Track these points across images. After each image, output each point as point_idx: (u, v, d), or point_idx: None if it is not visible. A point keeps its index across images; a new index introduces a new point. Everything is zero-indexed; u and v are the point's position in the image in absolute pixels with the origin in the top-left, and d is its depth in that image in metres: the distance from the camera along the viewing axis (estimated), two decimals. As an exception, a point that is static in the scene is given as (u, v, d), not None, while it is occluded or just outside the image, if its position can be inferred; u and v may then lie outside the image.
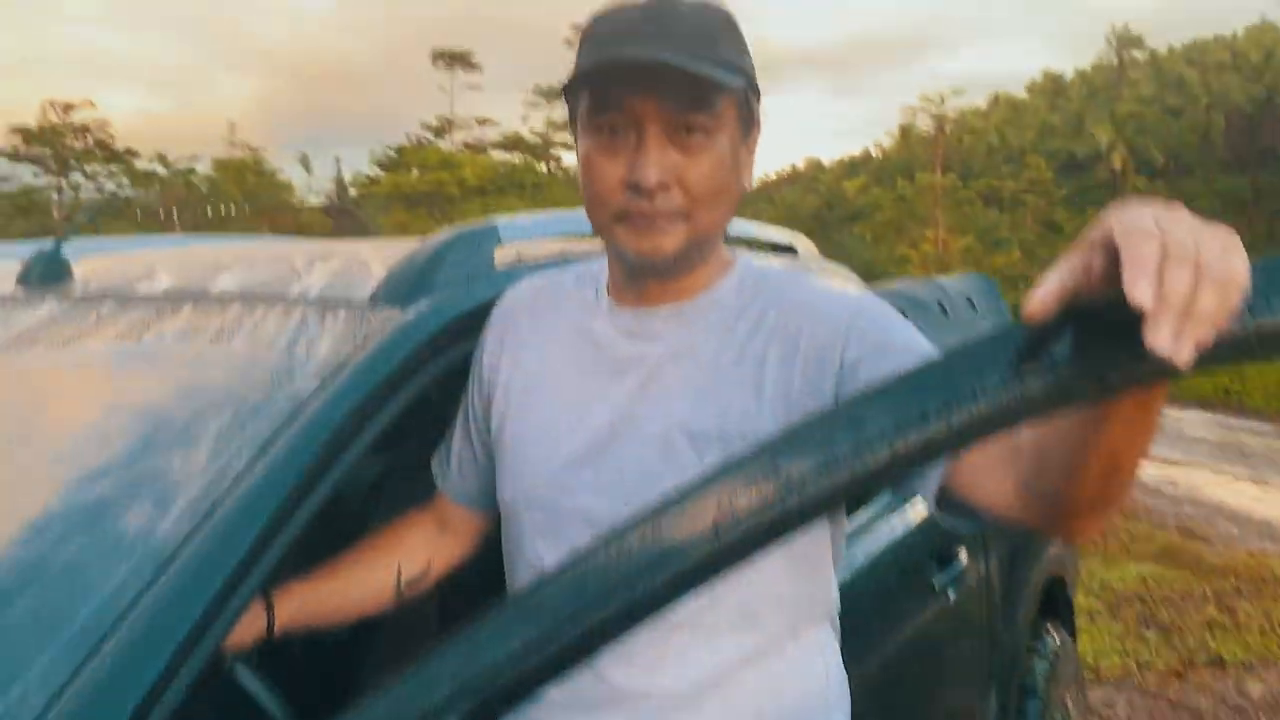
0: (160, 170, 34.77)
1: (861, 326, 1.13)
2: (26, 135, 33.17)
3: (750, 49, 1.17)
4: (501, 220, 1.52)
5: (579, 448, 1.18)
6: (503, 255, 1.53)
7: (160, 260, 1.65)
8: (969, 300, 3.75)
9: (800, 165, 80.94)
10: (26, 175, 33.98)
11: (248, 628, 1.19)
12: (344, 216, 38.97)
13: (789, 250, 2.50)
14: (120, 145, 34.65)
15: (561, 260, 1.58)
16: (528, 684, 0.73)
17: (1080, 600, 5.48)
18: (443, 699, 0.71)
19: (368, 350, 1.20)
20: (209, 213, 32.17)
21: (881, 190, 40.65)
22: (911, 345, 1.12)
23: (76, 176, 34.79)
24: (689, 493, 0.77)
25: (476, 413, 1.32)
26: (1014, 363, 0.75)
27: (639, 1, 1.10)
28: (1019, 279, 30.63)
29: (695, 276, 1.20)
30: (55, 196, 34.61)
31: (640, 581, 0.75)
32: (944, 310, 3.44)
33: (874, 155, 65.26)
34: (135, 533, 0.97)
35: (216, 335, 1.27)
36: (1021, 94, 66.63)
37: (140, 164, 34.89)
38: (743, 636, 1.17)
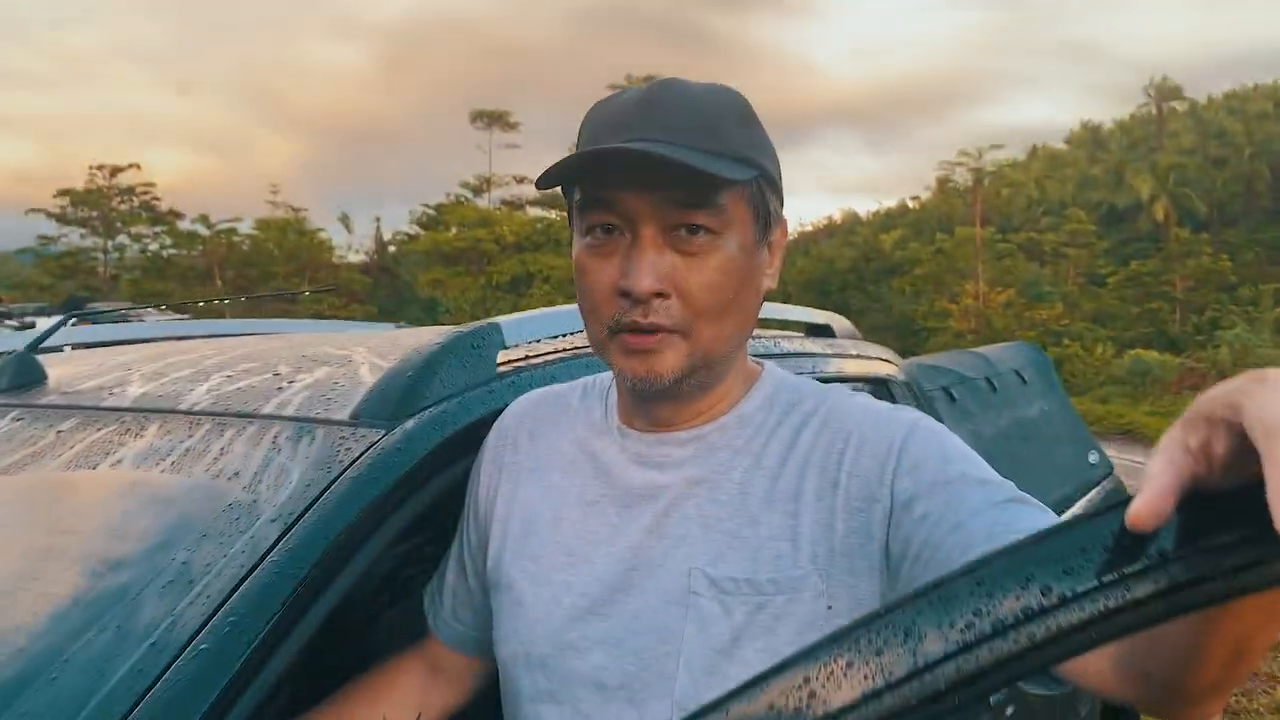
0: (203, 231, 35.30)
1: (913, 455, 0.95)
2: (74, 198, 33.88)
3: (766, 137, 1.02)
4: (505, 320, 1.37)
5: (585, 598, 1.01)
6: (508, 357, 1.39)
7: (140, 361, 1.53)
8: (1018, 373, 3.56)
9: (837, 218, 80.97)
10: (74, 237, 34.67)
11: None
12: (382, 274, 39.32)
13: (825, 331, 2.34)
14: (164, 206, 35.28)
15: (574, 360, 1.44)
16: None
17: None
18: None
19: (347, 479, 1.05)
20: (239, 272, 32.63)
21: (919, 244, 40.35)
22: (970, 472, 0.95)
23: (122, 238, 35.43)
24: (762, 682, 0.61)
25: (472, 547, 1.16)
26: (1113, 560, 0.59)
27: (640, 88, 0.97)
28: (1062, 333, 30.20)
29: (713, 395, 1.04)
30: (101, 258, 35.24)
31: None
32: (991, 385, 3.25)
33: (911, 208, 65.08)
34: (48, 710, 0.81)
35: (176, 459, 1.13)
36: (1060, 146, 66.41)
37: (183, 224, 35.48)
38: None
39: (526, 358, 1.42)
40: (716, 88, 0.99)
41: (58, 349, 2.32)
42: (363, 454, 1.09)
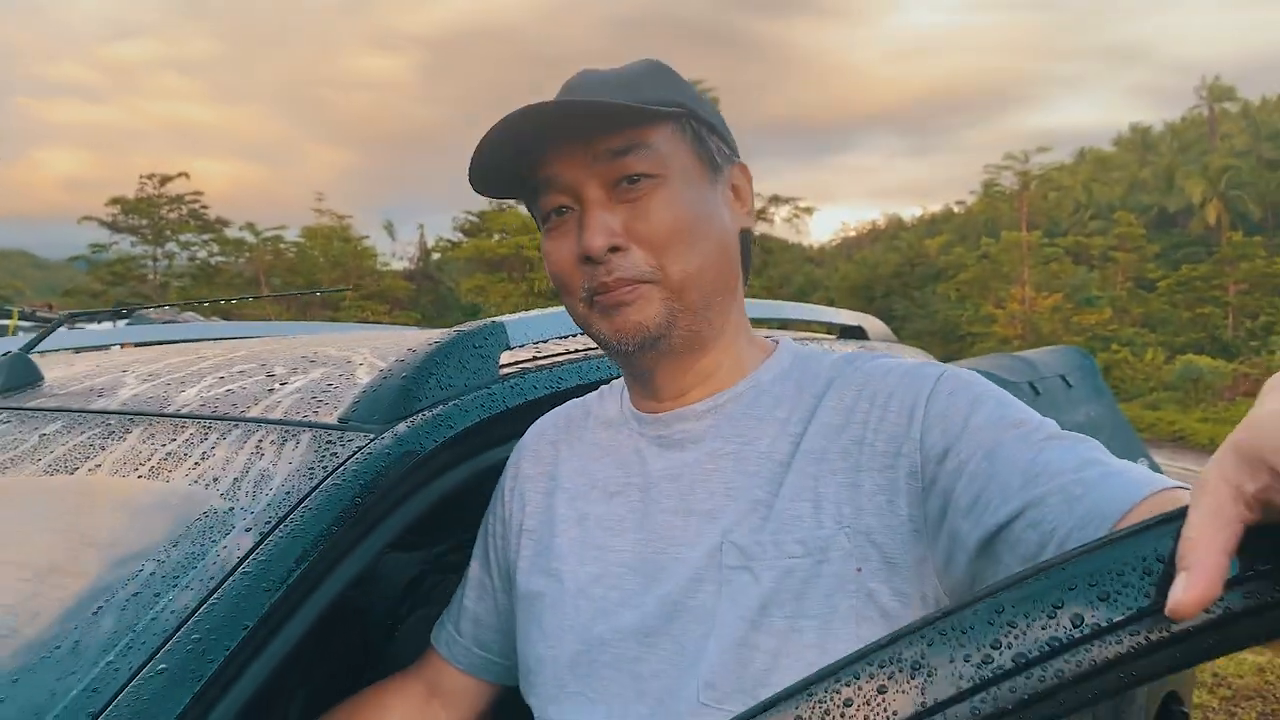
0: (250, 238, 35.78)
1: (940, 405, 0.88)
2: (125, 206, 34.48)
3: (691, 89, 1.01)
4: (510, 319, 1.30)
5: (615, 591, 0.96)
6: (513, 358, 1.32)
7: (138, 363, 1.48)
8: (1063, 378, 3.44)
9: (880, 222, 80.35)
10: (125, 244, 35.27)
11: None
12: (425, 281, 39.59)
13: (858, 332, 2.25)
14: (212, 214, 35.80)
15: (585, 361, 1.37)
16: None
17: (1193, 695, 5.02)
18: None
19: (326, 487, 0.98)
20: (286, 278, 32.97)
21: (965, 248, 39.85)
22: (1005, 415, 0.86)
23: (171, 245, 35.99)
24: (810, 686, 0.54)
25: (492, 564, 1.11)
26: (1156, 586, 0.51)
27: None
28: (1111, 338, 29.67)
29: (719, 357, 0.99)
30: (151, 265, 35.82)
31: None
32: (1034, 390, 3.14)
33: (956, 212, 64.41)
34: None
35: (155, 464, 1.07)
36: (1109, 149, 65.39)
37: (231, 232, 35.99)
38: None
39: (533, 358, 1.35)
40: (633, 63, 1.01)
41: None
42: (348, 459, 1.02)
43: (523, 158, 0.94)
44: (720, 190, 0.99)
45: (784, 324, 2.40)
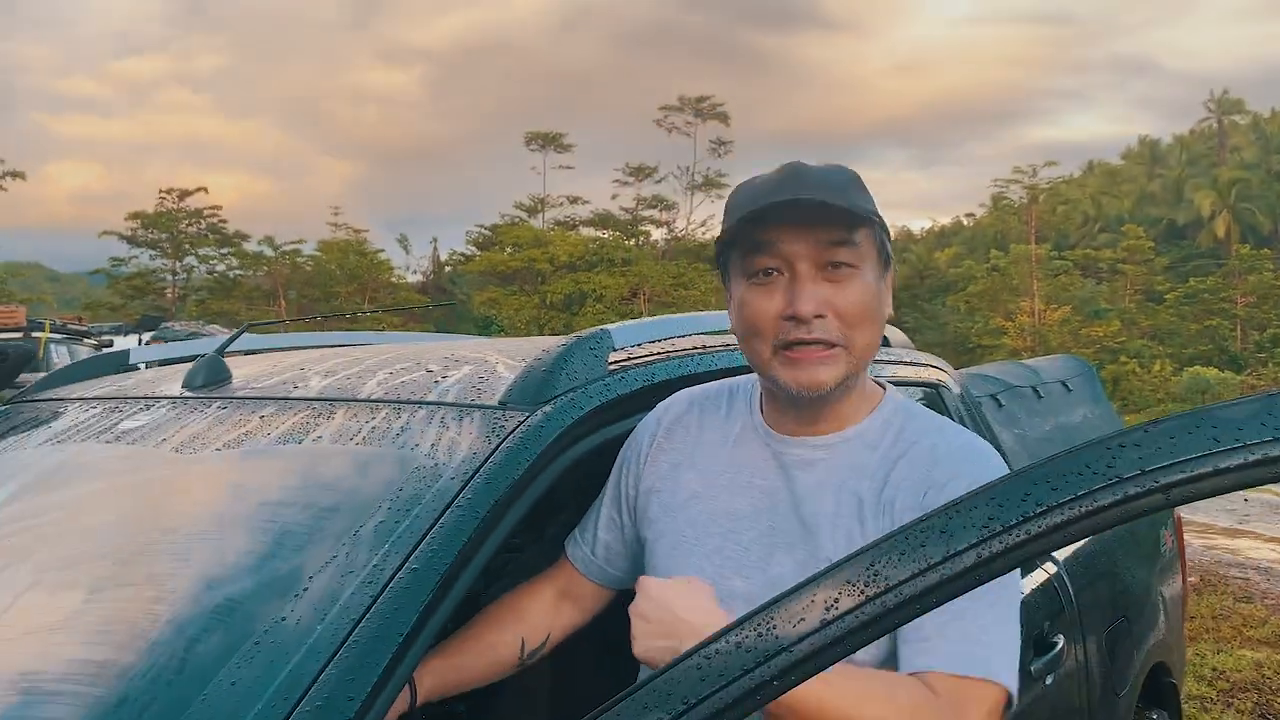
0: (268, 252, 36.26)
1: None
2: (144, 221, 35.00)
3: (874, 201, 1.30)
4: (614, 327, 1.66)
5: (731, 562, 1.31)
6: (615, 358, 1.67)
7: (310, 362, 1.84)
8: (1063, 383, 3.78)
9: (891, 235, 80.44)
10: (144, 258, 35.77)
11: (397, 705, 1.33)
12: (439, 293, 40.02)
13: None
14: (230, 229, 36.29)
15: (669, 361, 1.72)
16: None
17: (1191, 687, 5.32)
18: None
19: (503, 450, 1.34)
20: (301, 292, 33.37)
21: (974, 261, 40.20)
22: None
23: (190, 259, 36.48)
24: (798, 591, 0.90)
25: (623, 505, 1.47)
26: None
27: (775, 170, 1.27)
28: (1119, 350, 29.86)
29: (845, 407, 1.32)
30: (170, 279, 36.32)
31: (755, 669, 0.87)
32: (1037, 394, 3.48)
33: (965, 225, 64.62)
34: (308, 615, 1.11)
35: (366, 435, 1.43)
36: (1117, 161, 65.59)
37: (249, 246, 36.47)
38: None
39: (630, 358, 1.71)
40: (838, 166, 1.29)
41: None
42: (514, 430, 1.38)
43: (755, 222, 1.21)
44: (886, 284, 1.29)
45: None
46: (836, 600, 0.89)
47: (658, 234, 41.42)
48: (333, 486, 1.36)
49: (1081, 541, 2.84)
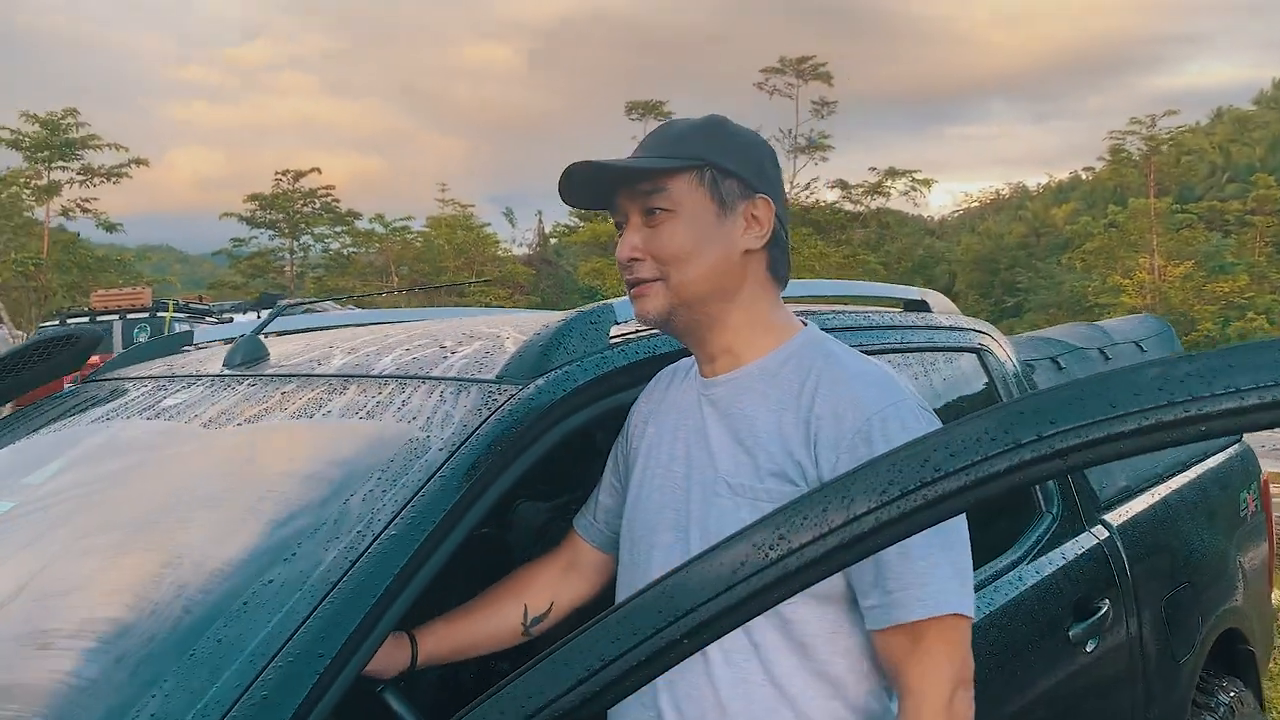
0: (379, 229, 37.22)
1: (862, 444, 1.29)
2: (262, 202, 36.31)
3: (734, 143, 1.41)
4: (618, 301, 1.71)
5: (664, 498, 1.42)
6: (620, 332, 1.72)
7: (340, 341, 1.94)
8: (1137, 344, 3.68)
9: (1005, 191, 78.10)
10: (263, 238, 37.15)
11: (395, 660, 1.42)
12: (544, 265, 40.57)
13: (921, 305, 2.59)
14: (342, 207, 37.36)
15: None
16: (612, 690, 0.91)
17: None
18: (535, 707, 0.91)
19: (491, 423, 1.41)
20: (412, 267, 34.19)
21: (1090, 217, 38.70)
22: None
23: (306, 238, 37.73)
24: (710, 554, 0.94)
25: (619, 469, 1.57)
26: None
27: None
28: (1247, 306, 28.46)
29: (729, 339, 1.41)
30: (288, 257, 37.66)
31: (695, 608, 0.92)
32: (1104, 355, 3.39)
33: (1084, 179, 62.23)
34: (292, 577, 1.21)
35: (370, 409, 1.52)
36: (1249, 107, 62.15)
37: (361, 224, 37.50)
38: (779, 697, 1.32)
39: (636, 332, 1.75)
40: (705, 116, 1.45)
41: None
42: (504, 402, 1.45)
43: (606, 188, 1.40)
44: (731, 221, 1.38)
45: (849, 300, 2.73)
46: (743, 562, 0.93)
47: (758, 199, 41.01)
48: (331, 459, 1.46)
49: (1139, 508, 2.78)
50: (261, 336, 1.96)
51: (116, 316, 16.03)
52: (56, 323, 16.59)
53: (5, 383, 2.12)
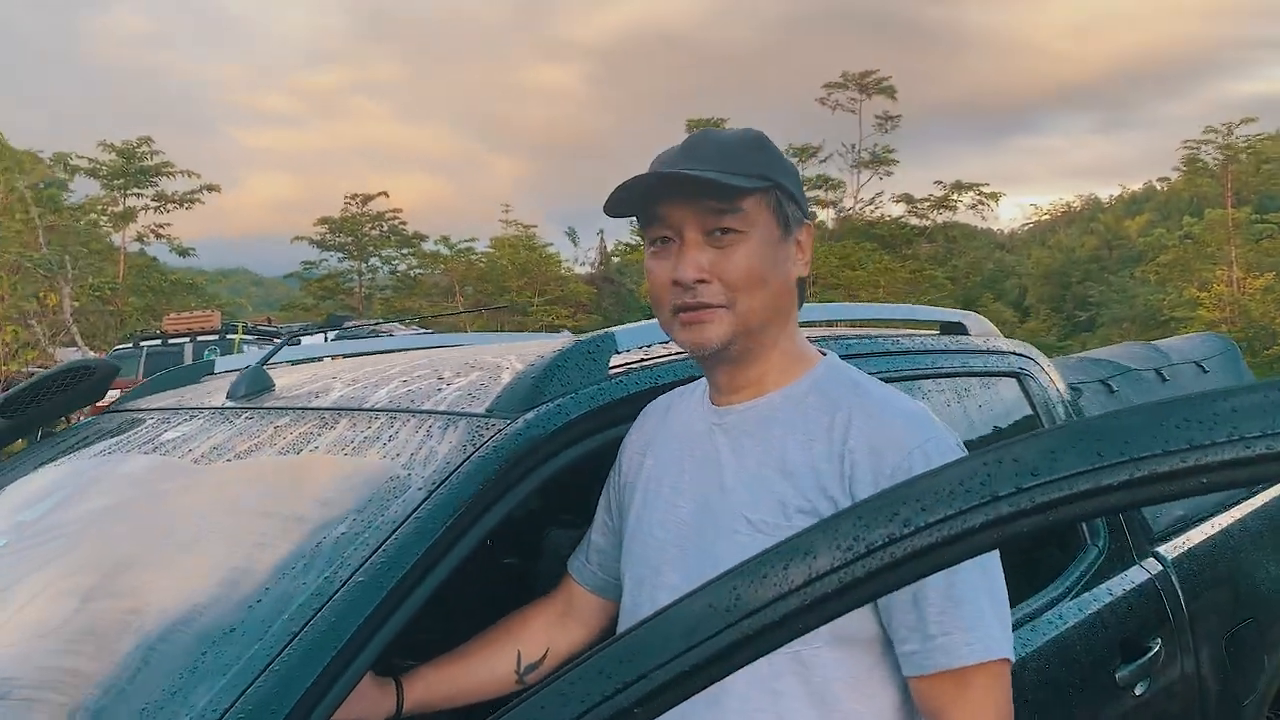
0: (444, 251, 37.61)
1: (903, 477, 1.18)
2: (331, 225, 36.95)
3: (782, 160, 1.32)
4: (620, 329, 1.65)
5: (667, 535, 1.33)
6: (623, 361, 1.65)
7: (344, 370, 1.90)
8: (1198, 364, 3.50)
9: (1075, 203, 76.56)
10: (333, 261, 37.79)
11: (379, 707, 1.37)
12: (606, 284, 40.64)
13: (958, 328, 2.47)
14: (409, 229, 37.85)
15: (679, 362, 1.69)
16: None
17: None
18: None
19: (473, 461, 1.35)
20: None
21: (1165, 229, 37.64)
22: None
23: (374, 260, 38.29)
24: (658, 619, 0.87)
25: (612, 507, 1.49)
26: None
27: (680, 142, 1.31)
28: (1334, 318, 27.43)
29: (765, 368, 1.32)
30: (356, 279, 38.27)
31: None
32: (1161, 376, 3.24)
33: (1158, 190, 60.74)
34: (253, 627, 1.15)
35: (357, 445, 1.47)
36: (1333, 113, 60.08)
37: (426, 246, 37.94)
38: None
39: (640, 361, 1.69)
40: (743, 129, 1.33)
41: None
42: (490, 438, 1.39)
43: (647, 195, 1.28)
44: (789, 246, 1.31)
45: (883, 323, 2.63)
46: (695, 628, 0.86)
47: (824, 214, 40.68)
48: (309, 498, 1.41)
49: (1198, 539, 2.63)
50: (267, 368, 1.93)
51: (188, 339, 16.52)
52: (130, 345, 17.07)
53: (24, 415, 2.12)
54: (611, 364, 1.61)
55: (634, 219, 1.35)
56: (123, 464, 1.70)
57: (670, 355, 1.70)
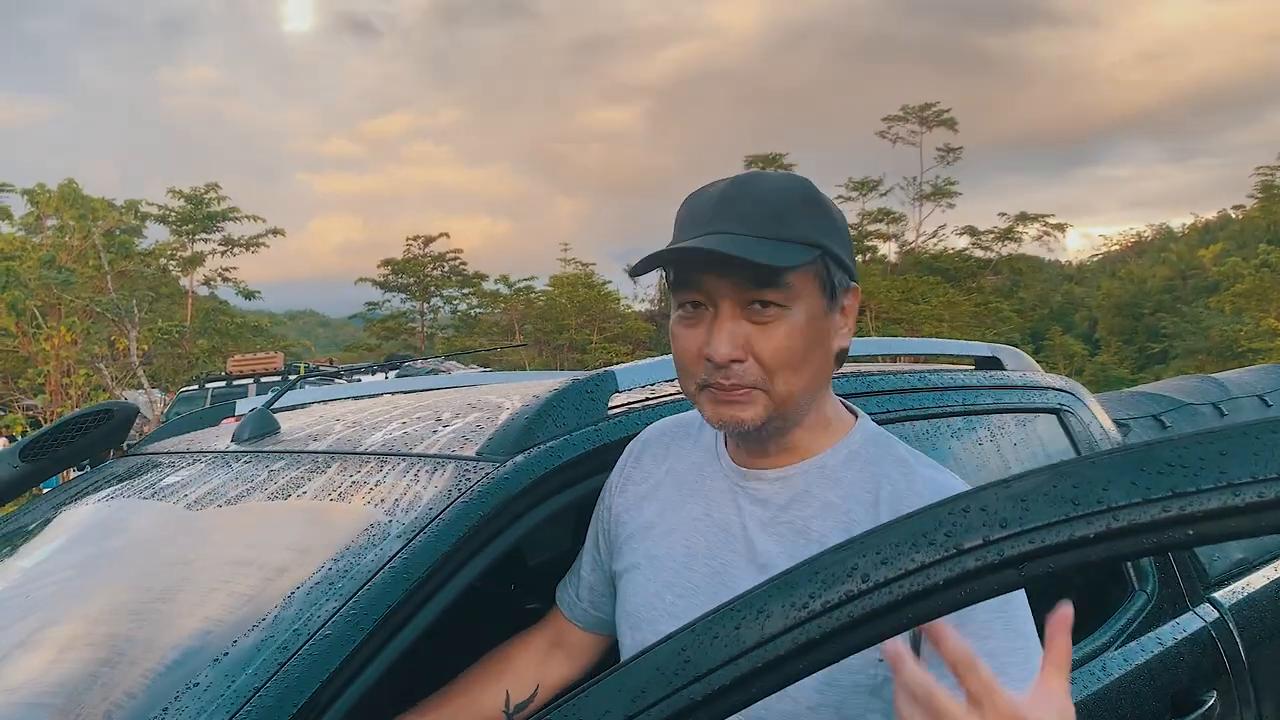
0: (504, 290, 38.00)
1: None
2: (394, 267, 37.58)
3: (831, 216, 1.18)
4: (620, 368, 1.59)
5: (683, 599, 1.23)
6: (623, 400, 1.60)
7: (349, 413, 1.87)
8: (1261, 398, 3.34)
9: (1146, 233, 74.99)
10: (395, 301, 38.40)
11: None
12: (664, 320, 40.69)
13: (993, 363, 2.37)
14: (470, 270, 38.33)
15: (682, 401, 1.63)
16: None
17: None
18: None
19: (455, 507, 1.30)
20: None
21: (1240, 258, 36.60)
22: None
23: (436, 300, 38.83)
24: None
25: (600, 540, 1.40)
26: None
27: (722, 183, 1.17)
28: None
29: (799, 438, 1.22)
30: (419, 319, 38.80)
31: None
32: (1219, 411, 3.08)
33: (1233, 218, 59.22)
34: (217, 679, 1.11)
35: (343, 490, 1.43)
36: None
37: (487, 285, 38.38)
38: None
39: (643, 400, 1.63)
40: (787, 177, 1.18)
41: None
42: (476, 483, 1.34)
43: (673, 259, 1.15)
44: (834, 316, 1.19)
45: (916, 358, 2.54)
46: (644, 691, 0.79)
47: (885, 248, 40.30)
48: (287, 546, 1.37)
49: (1259, 583, 2.48)
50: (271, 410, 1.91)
51: (251, 379, 16.83)
52: (196, 387, 17.42)
53: (42, 460, 2.12)
54: (612, 403, 1.55)
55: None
56: (114, 511, 1.69)
57: (675, 394, 1.64)
